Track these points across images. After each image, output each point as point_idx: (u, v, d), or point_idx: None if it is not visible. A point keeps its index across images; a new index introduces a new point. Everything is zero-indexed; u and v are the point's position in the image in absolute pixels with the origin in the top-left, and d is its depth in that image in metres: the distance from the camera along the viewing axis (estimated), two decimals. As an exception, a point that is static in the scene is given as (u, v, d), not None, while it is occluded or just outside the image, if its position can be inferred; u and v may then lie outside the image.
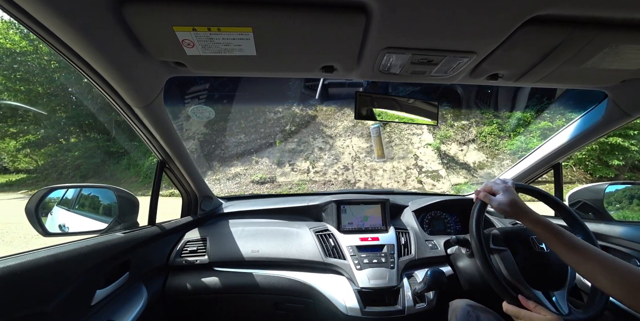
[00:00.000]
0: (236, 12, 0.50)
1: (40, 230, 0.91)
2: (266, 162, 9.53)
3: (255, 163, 9.53)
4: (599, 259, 0.58)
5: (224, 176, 9.33)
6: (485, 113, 9.44)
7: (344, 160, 9.04)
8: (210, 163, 9.98)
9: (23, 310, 0.58)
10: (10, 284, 0.56)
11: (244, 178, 9.12)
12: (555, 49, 0.62)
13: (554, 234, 0.62)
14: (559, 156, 1.20)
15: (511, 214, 0.69)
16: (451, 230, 1.44)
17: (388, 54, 0.65)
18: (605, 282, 0.57)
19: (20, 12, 0.46)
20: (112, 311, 0.82)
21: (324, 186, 8.32)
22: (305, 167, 9.09)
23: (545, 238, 0.64)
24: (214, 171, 9.67)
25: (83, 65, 0.60)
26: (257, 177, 8.87)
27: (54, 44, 0.54)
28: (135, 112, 0.81)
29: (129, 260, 0.92)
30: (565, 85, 0.85)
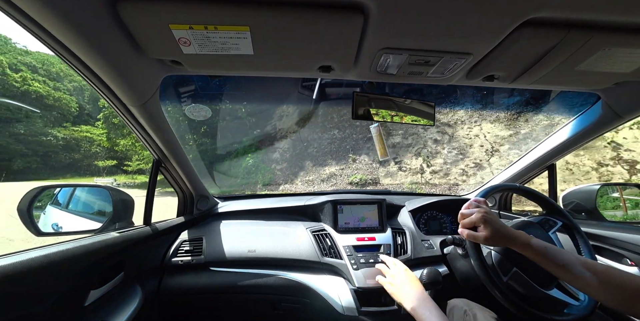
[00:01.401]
0: (233, 10, 0.50)
1: (33, 230, 0.90)
2: (365, 160, 8.19)
3: (352, 162, 8.30)
4: (590, 273, 0.59)
5: (317, 177, 8.42)
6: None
7: (474, 155, 6.80)
8: (302, 163, 9.26)
9: (14, 311, 0.57)
10: (2, 284, 0.55)
11: (340, 179, 8.07)
12: (550, 51, 0.63)
13: (542, 256, 0.63)
14: (553, 157, 1.22)
15: (500, 244, 0.69)
16: (447, 230, 1.45)
17: (385, 55, 0.65)
18: (599, 296, 0.58)
19: (13, 8, 0.45)
20: (106, 312, 0.81)
21: (449, 191, 6.51)
22: (416, 166, 7.37)
23: (536, 260, 0.65)
24: (307, 171, 8.78)
25: (77, 62, 0.60)
26: (356, 178, 7.67)
27: (48, 42, 0.53)
28: (131, 111, 0.80)
29: (124, 260, 0.91)
30: (559, 87, 0.86)
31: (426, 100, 0.91)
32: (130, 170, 16.64)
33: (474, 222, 0.70)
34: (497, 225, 0.68)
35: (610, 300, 0.56)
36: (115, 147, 16.98)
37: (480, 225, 0.69)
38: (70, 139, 39.86)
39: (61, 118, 43.62)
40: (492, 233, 0.67)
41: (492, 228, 0.67)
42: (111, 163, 29.87)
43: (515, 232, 0.68)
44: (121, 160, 17.21)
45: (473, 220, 0.70)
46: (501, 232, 0.67)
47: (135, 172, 16.27)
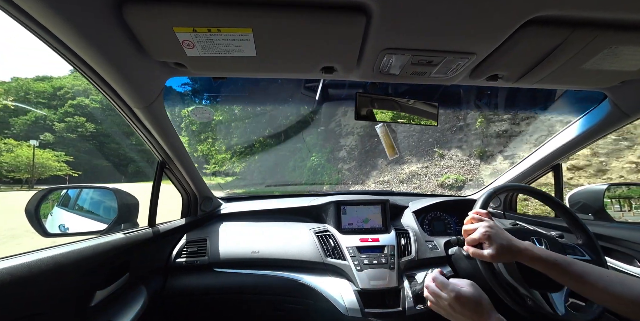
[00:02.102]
0: (236, 12, 0.50)
1: (40, 231, 0.91)
2: (458, 155, 6.35)
3: (439, 158, 6.59)
4: (601, 284, 0.57)
5: (394, 177, 6.89)
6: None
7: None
8: (374, 161, 7.92)
9: (22, 311, 0.58)
10: (10, 285, 0.56)
11: (425, 179, 6.36)
12: (555, 50, 0.62)
13: (552, 269, 0.62)
14: (559, 157, 1.20)
15: (507, 260, 0.67)
16: (451, 231, 1.43)
17: (388, 55, 0.65)
18: (615, 308, 0.56)
19: (20, 12, 0.46)
20: (112, 312, 0.82)
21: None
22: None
23: (546, 272, 0.63)
24: (380, 170, 7.46)
25: (83, 65, 0.60)
26: (450, 178, 5.81)
27: (54, 45, 0.54)
28: (135, 113, 0.81)
29: (129, 260, 0.92)
30: (565, 86, 0.85)
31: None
32: (208, 173, 18.09)
33: (477, 240, 0.68)
34: (502, 240, 0.65)
35: (628, 312, 0.54)
36: (194, 152, 18.81)
37: (485, 242, 0.67)
38: None
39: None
40: (497, 250, 0.64)
41: (497, 245, 0.65)
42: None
43: (521, 244, 0.65)
44: (201, 163, 18.68)
45: (476, 238, 0.68)
46: (506, 247, 0.65)
47: (213, 174, 17.41)
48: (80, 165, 30.94)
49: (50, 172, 21.81)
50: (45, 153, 22.41)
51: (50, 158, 22.22)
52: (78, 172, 23.55)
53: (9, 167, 18.63)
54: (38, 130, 39.96)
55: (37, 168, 18.32)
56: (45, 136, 37.30)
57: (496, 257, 0.65)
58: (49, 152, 23.95)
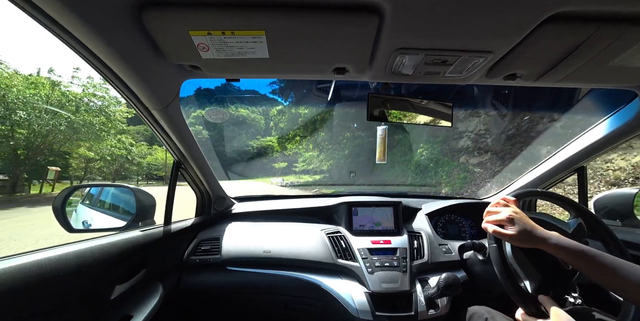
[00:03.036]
0: (250, 15, 0.51)
1: (66, 227, 0.96)
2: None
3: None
4: (634, 279, 0.53)
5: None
6: None
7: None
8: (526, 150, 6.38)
9: (48, 302, 0.61)
10: (37, 277, 0.59)
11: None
12: (580, 47, 0.59)
13: (579, 256, 0.58)
14: (583, 159, 1.14)
15: (527, 245, 0.64)
16: (466, 235, 1.39)
17: (401, 55, 0.64)
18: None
19: (45, 17, 0.49)
20: (130, 306, 0.85)
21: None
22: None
23: (572, 262, 0.60)
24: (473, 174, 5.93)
25: (104, 68, 0.63)
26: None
27: (78, 49, 0.57)
28: (153, 114, 0.84)
29: (146, 257, 0.95)
30: (590, 85, 0.81)
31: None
32: (297, 171, 18.99)
33: (500, 220, 0.67)
34: (526, 225, 0.64)
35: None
36: (284, 151, 19.86)
37: (507, 223, 0.66)
38: (261, 147, 52.17)
39: (256, 133, 62.74)
40: (520, 232, 0.63)
41: (520, 228, 0.64)
42: (283, 165, 35.12)
43: (546, 232, 0.63)
44: (291, 162, 20.01)
45: (499, 218, 0.67)
46: (529, 231, 0.63)
47: (301, 172, 18.36)
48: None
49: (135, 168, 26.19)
50: (143, 148, 26.78)
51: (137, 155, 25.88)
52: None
53: (154, 166, 22.08)
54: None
55: (168, 168, 22.04)
56: None
57: (517, 239, 0.64)
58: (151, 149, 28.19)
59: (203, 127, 25.87)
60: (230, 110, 64.02)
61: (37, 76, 15.01)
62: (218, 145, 50.71)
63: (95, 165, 23.53)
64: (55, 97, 14.88)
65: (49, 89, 14.56)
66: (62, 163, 22.33)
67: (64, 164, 22.76)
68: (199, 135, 54.54)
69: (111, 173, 25.41)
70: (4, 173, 16.10)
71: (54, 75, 15.09)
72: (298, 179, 22.63)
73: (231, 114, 64.61)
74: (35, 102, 13.98)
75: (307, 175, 19.47)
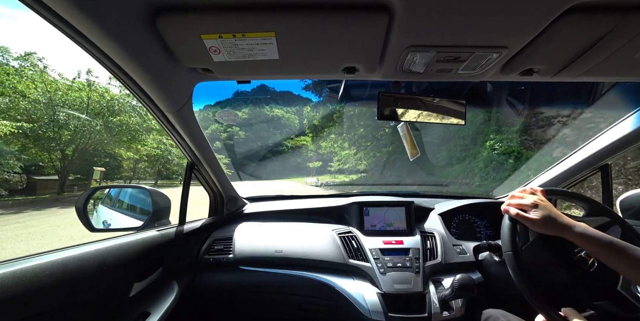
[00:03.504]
0: (259, 17, 0.52)
1: (88, 226, 1.00)
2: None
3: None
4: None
5: None
6: None
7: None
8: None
9: (73, 298, 0.64)
10: (63, 274, 0.62)
11: None
12: (603, 39, 0.56)
13: (606, 247, 0.55)
14: (607, 156, 1.08)
15: (550, 232, 0.62)
16: (481, 235, 1.35)
17: (412, 53, 0.63)
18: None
19: (65, 24, 0.51)
20: (147, 303, 0.88)
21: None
22: None
23: (598, 254, 0.57)
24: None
25: (120, 72, 0.66)
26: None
27: (95, 54, 0.59)
28: (167, 117, 0.87)
29: (162, 256, 0.98)
30: (615, 78, 0.77)
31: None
32: (333, 170, 19.38)
33: (524, 205, 0.65)
34: (551, 213, 0.62)
35: None
36: (319, 149, 20.24)
37: (530, 209, 0.64)
38: (295, 147, 54.56)
39: (290, 132, 64.86)
40: (543, 217, 0.61)
41: (543, 214, 0.62)
42: (318, 165, 35.79)
43: (572, 221, 0.61)
44: (325, 161, 20.50)
45: (523, 202, 0.65)
46: (553, 218, 0.61)
47: (337, 172, 18.78)
48: (232, 166, 35.91)
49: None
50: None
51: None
52: (230, 171, 28.01)
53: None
54: (213, 139, 51.87)
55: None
56: (216, 144, 47.77)
57: (539, 224, 0.62)
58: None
59: (240, 128, 26.73)
60: (265, 111, 66.35)
61: (76, 79, 15.72)
62: (253, 146, 53.79)
63: (140, 166, 24.46)
64: (95, 99, 15.53)
65: (88, 92, 15.26)
66: (114, 164, 23.52)
67: (117, 165, 23.94)
68: (236, 136, 57.72)
69: (154, 173, 26.34)
70: (53, 174, 16.94)
71: (92, 77, 15.81)
72: (333, 179, 22.06)
73: (265, 114, 66.51)
74: (78, 104, 14.72)
75: (342, 175, 18.96)
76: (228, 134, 54.64)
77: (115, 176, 25.07)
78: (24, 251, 5.00)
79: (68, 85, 15.03)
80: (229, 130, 55.45)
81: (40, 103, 13.39)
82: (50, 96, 13.74)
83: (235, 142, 41.98)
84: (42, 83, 13.79)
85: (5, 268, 0.55)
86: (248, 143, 57.57)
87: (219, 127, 52.65)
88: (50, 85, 14.11)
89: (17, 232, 6.48)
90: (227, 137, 54.32)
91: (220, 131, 53.02)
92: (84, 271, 0.67)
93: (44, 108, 13.44)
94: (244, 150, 52.57)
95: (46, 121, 13.40)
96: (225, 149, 48.30)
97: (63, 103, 14.18)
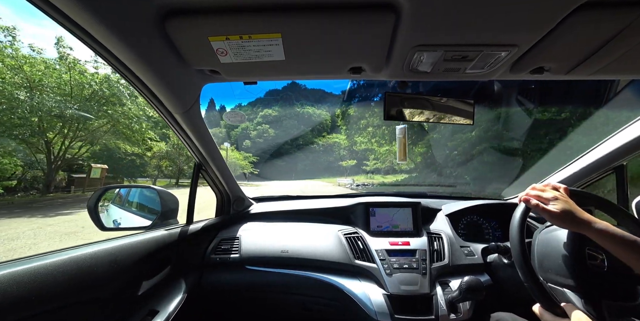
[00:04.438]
0: (266, 19, 0.52)
1: (99, 225, 1.03)
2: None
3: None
4: None
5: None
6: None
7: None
8: None
9: (85, 295, 0.66)
10: (76, 271, 0.64)
11: None
12: (618, 36, 0.54)
13: (629, 245, 0.53)
14: (623, 156, 1.05)
15: (569, 226, 0.61)
16: (490, 237, 1.33)
17: (419, 52, 0.62)
18: None
19: (76, 27, 0.52)
20: (156, 301, 0.89)
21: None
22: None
23: (619, 252, 0.55)
24: None
25: (130, 74, 0.67)
26: None
27: (105, 56, 0.60)
28: (175, 118, 0.88)
29: (170, 255, 0.99)
30: (631, 76, 0.74)
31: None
32: (369, 170, 18.95)
33: (544, 197, 0.64)
34: (571, 208, 0.61)
35: None
36: (353, 146, 19.53)
37: (550, 202, 0.63)
38: (327, 145, 52.94)
39: (322, 129, 64.57)
40: (563, 210, 0.60)
41: (563, 207, 0.60)
42: (352, 163, 34.80)
43: (593, 218, 0.59)
44: (360, 160, 20.13)
45: (543, 195, 0.64)
46: (573, 213, 0.59)
47: (372, 172, 18.26)
48: (258, 165, 35.06)
49: (239, 170, 26.88)
50: (235, 154, 27.60)
51: (239, 158, 26.45)
52: (256, 170, 27.75)
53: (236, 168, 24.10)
54: (243, 138, 51.75)
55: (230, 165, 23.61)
56: (245, 142, 47.45)
57: (558, 217, 0.61)
58: (241, 154, 29.02)
59: (270, 128, 26.66)
60: (296, 108, 65.29)
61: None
62: (282, 144, 52.78)
63: (162, 164, 24.42)
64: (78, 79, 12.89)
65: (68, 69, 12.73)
66: (140, 162, 23.72)
67: (143, 163, 24.15)
68: (265, 134, 56.35)
69: (175, 172, 26.52)
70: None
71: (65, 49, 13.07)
72: (370, 180, 20.32)
73: (296, 111, 64.87)
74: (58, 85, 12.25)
75: (379, 175, 17.99)
76: (257, 132, 53.87)
77: (142, 174, 25.10)
78: None
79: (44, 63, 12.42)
80: (259, 128, 55.24)
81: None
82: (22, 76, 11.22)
83: (265, 140, 41.13)
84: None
85: (21, 265, 0.57)
86: (277, 141, 56.45)
87: (248, 125, 51.87)
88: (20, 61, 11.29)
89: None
90: (257, 135, 53.35)
91: (250, 129, 52.27)
92: (95, 269, 0.69)
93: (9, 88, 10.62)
94: (273, 148, 51.50)
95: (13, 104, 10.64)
96: (254, 147, 47.41)
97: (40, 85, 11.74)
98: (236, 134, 47.83)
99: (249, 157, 28.40)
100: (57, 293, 0.60)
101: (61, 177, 15.06)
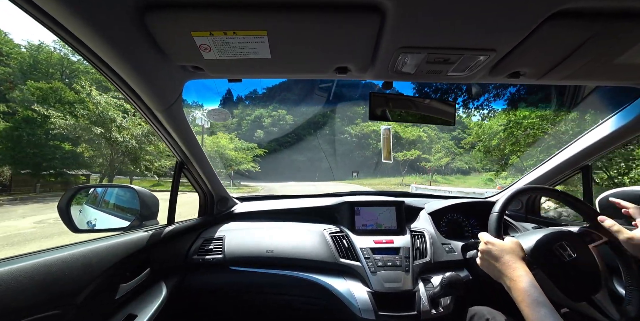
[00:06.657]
0: (251, 15, 0.51)
1: (70, 227, 0.97)
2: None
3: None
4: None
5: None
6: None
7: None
8: None
9: (56, 301, 0.62)
10: (45, 276, 0.60)
11: None
12: (584, 44, 0.58)
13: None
14: (588, 157, 1.13)
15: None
16: (469, 234, 1.39)
17: (403, 54, 0.64)
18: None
19: (52, 21, 0.49)
20: (134, 305, 0.86)
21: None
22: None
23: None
24: None
25: (107, 69, 0.64)
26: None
27: (81, 50, 0.57)
28: (156, 115, 0.85)
29: (150, 256, 0.96)
30: (595, 82, 0.80)
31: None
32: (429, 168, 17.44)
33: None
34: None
35: None
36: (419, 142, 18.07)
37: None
38: (362, 135, 44.79)
39: (353, 117, 55.31)
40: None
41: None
42: (414, 156, 31.39)
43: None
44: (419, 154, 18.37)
45: (632, 211, 0.77)
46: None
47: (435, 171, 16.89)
48: (265, 161, 31.62)
49: (243, 166, 23.98)
50: (224, 142, 24.29)
51: (243, 157, 24.01)
52: (257, 167, 25.72)
53: (226, 162, 21.75)
54: (256, 127, 46.11)
55: (232, 163, 21.20)
56: (258, 133, 42.75)
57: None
58: (241, 142, 25.34)
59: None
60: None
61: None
62: (292, 147, 45.57)
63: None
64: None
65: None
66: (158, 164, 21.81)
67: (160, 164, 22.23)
68: (282, 122, 44.98)
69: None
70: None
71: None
72: (394, 187, 17.93)
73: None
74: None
75: (439, 176, 16.00)
76: (272, 119, 44.75)
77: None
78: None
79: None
80: (274, 113, 45.25)
81: None
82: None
83: (280, 128, 32.81)
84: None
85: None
86: (297, 132, 45.15)
87: (263, 112, 45.06)
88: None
89: None
90: (271, 123, 44.26)
91: (265, 116, 44.27)
92: (67, 274, 0.65)
93: None
94: (291, 139, 43.44)
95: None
96: (267, 139, 40.29)
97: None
98: (247, 123, 39.16)
99: (253, 148, 23.81)
100: (24, 301, 0.56)
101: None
